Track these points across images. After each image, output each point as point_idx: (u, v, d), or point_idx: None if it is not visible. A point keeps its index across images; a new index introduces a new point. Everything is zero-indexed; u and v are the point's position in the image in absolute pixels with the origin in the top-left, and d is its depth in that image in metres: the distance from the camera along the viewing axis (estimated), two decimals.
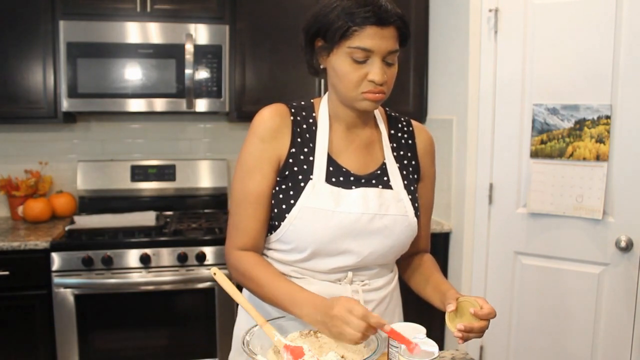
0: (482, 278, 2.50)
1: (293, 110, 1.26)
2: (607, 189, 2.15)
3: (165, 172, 2.93)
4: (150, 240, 2.42)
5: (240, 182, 1.22)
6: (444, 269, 2.68)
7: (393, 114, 1.35)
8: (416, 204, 1.27)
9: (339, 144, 1.26)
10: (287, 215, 1.19)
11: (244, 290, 1.37)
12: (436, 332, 2.60)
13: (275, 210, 1.21)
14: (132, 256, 2.38)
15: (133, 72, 2.54)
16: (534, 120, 2.29)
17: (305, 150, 1.23)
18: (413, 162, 1.31)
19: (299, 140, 1.23)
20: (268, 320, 1.08)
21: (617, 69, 2.10)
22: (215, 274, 1.19)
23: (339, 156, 1.25)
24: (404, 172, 1.28)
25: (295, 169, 1.21)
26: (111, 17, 2.53)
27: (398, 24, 1.12)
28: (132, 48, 2.52)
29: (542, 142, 2.27)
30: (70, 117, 2.77)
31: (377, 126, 1.31)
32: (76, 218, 2.64)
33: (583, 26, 2.16)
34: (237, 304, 1.25)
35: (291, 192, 1.20)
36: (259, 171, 1.21)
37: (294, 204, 1.19)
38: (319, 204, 1.18)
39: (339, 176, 1.23)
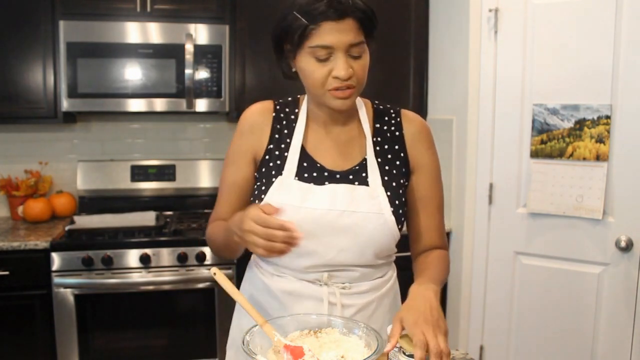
0: (482, 278, 2.50)
1: (278, 107, 1.28)
2: (607, 189, 2.15)
3: (165, 172, 2.93)
4: (150, 240, 2.42)
5: (222, 172, 1.31)
6: None
7: (381, 106, 1.31)
8: (398, 201, 1.22)
9: (316, 140, 1.25)
10: None
11: (242, 288, 1.37)
12: None
13: None
14: (132, 256, 2.38)
15: (133, 72, 2.53)
16: (534, 120, 2.29)
17: (282, 146, 1.24)
18: (401, 155, 1.26)
19: (276, 136, 1.25)
20: (268, 320, 1.08)
21: (617, 69, 2.10)
22: (215, 274, 1.18)
23: (315, 152, 1.24)
24: (387, 168, 1.24)
25: (271, 164, 1.23)
26: (111, 17, 2.53)
27: (356, 14, 1.10)
28: (132, 48, 2.52)
29: (542, 142, 2.27)
30: (70, 117, 2.76)
31: (359, 122, 1.27)
32: (76, 218, 2.63)
33: (583, 26, 2.16)
34: (236, 304, 1.26)
35: (262, 188, 1.22)
36: (234, 163, 1.27)
37: (263, 199, 1.20)
38: (284, 199, 1.18)
39: (312, 172, 1.22)
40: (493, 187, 2.45)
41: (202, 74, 2.58)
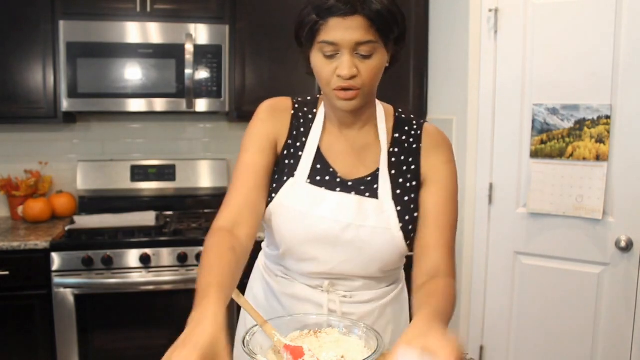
0: (482, 278, 2.50)
1: (297, 106, 1.24)
2: (607, 189, 2.15)
3: (165, 172, 2.93)
4: (150, 240, 2.42)
5: (238, 159, 1.19)
6: None
7: (404, 115, 1.25)
8: (408, 216, 1.16)
9: (331, 142, 1.21)
10: (266, 208, 1.18)
11: (249, 289, 1.38)
12: None
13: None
14: (132, 256, 2.38)
15: (133, 72, 2.54)
16: (534, 120, 2.29)
17: (298, 144, 1.20)
18: (412, 167, 1.20)
19: (294, 133, 1.21)
20: (268, 320, 1.08)
21: (617, 69, 2.10)
22: None
23: (330, 155, 1.20)
24: (400, 180, 1.19)
25: (286, 162, 1.19)
26: (111, 17, 2.53)
27: (366, 12, 1.04)
28: (132, 48, 2.52)
29: (542, 142, 2.27)
30: (70, 117, 2.77)
31: (377, 129, 1.22)
32: (76, 218, 2.64)
33: (583, 26, 2.16)
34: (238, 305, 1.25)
35: (274, 185, 1.18)
36: (255, 145, 1.18)
37: (273, 198, 1.17)
38: (293, 203, 1.16)
39: (324, 176, 1.18)
40: (493, 187, 2.45)
41: (202, 74, 2.59)
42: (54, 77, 2.54)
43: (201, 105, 2.61)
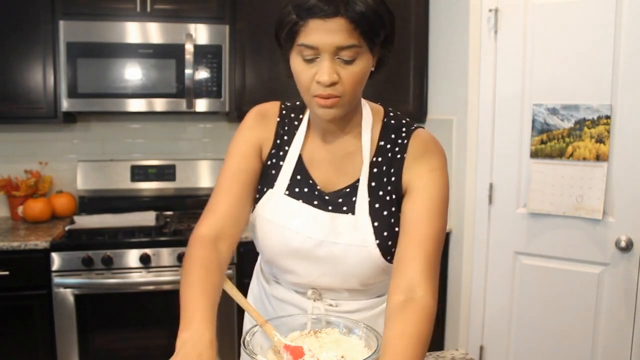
0: (482, 278, 2.50)
1: (284, 112, 1.20)
2: (607, 189, 2.15)
3: (165, 172, 2.93)
4: (150, 240, 2.42)
5: (223, 165, 1.17)
6: (444, 269, 2.68)
7: (394, 120, 1.16)
8: (387, 232, 1.10)
9: (313, 151, 1.16)
10: (249, 218, 1.17)
11: (250, 290, 1.38)
12: (436, 332, 2.60)
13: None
14: (132, 256, 2.38)
15: (133, 72, 2.54)
16: (534, 120, 2.29)
17: (281, 153, 1.17)
18: (393, 179, 1.11)
19: (278, 142, 1.18)
20: (268, 320, 1.08)
21: (617, 69, 2.10)
22: None
23: (311, 164, 1.16)
24: (380, 193, 1.12)
25: (268, 171, 1.17)
26: (111, 17, 2.53)
27: (349, 14, 0.95)
28: (132, 48, 2.52)
29: (542, 142, 2.27)
30: (70, 117, 2.76)
31: (361, 135, 1.14)
32: (76, 218, 2.63)
33: (583, 26, 2.16)
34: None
35: (257, 196, 1.18)
36: (239, 151, 1.16)
37: (254, 208, 1.17)
38: (271, 215, 1.14)
39: (303, 187, 1.15)
40: (493, 187, 2.45)
41: (202, 74, 2.58)
42: (54, 77, 2.53)
43: (201, 105, 2.61)
